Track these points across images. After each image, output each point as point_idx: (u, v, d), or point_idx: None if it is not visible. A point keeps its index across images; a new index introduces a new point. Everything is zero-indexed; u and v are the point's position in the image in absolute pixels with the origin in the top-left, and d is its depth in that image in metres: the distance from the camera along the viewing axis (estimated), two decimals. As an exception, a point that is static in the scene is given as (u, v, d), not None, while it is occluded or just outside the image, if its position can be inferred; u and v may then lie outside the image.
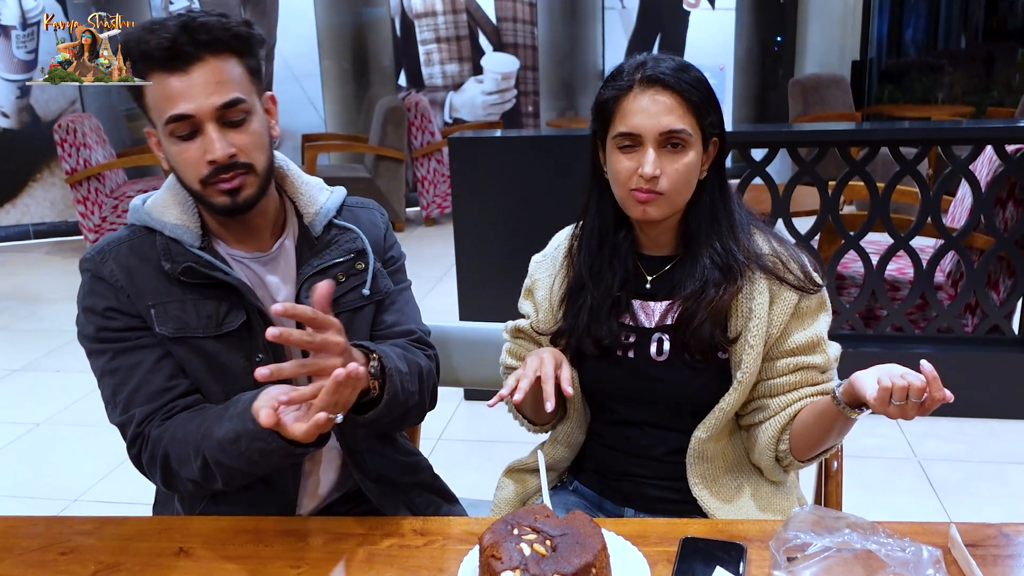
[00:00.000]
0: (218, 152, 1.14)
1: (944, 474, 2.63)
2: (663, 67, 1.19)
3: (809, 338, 1.24)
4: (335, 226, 1.32)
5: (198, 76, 1.13)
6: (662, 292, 1.29)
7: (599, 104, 1.23)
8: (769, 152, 2.97)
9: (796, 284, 1.23)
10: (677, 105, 1.18)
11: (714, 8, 7.14)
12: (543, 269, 1.38)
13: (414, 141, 6.19)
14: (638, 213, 1.22)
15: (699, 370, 1.25)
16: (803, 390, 1.25)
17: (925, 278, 2.93)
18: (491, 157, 3.11)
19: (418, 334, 1.38)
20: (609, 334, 1.27)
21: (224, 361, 1.24)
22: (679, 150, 1.19)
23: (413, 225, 6.34)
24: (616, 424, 1.34)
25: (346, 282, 1.30)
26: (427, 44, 6.63)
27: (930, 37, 7.90)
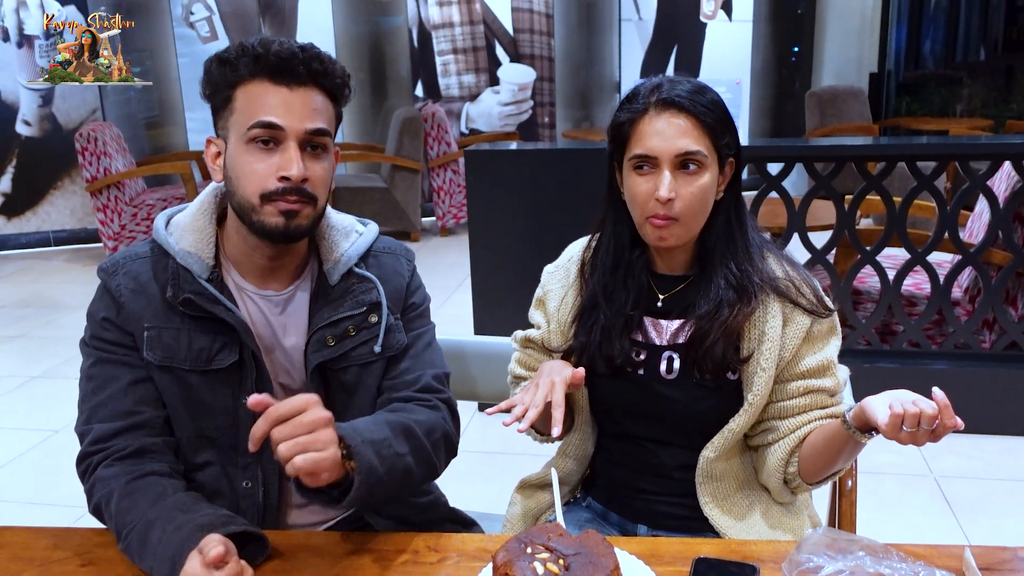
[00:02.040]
0: (295, 170, 1.14)
1: (961, 492, 2.61)
2: (679, 90, 1.20)
3: (820, 362, 1.25)
4: (353, 275, 1.28)
5: (300, 96, 1.16)
6: (674, 311, 1.29)
7: (615, 127, 1.24)
8: (785, 166, 2.97)
9: (809, 308, 1.24)
10: (692, 127, 1.18)
11: (731, 20, 7.14)
12: (555, 280, 1.39)
13: (430, 151, 6.21)
14: (655, 240, 1.23)
15: (709, 389, 1.26)
16: (813, 413, 1.25)
17: (942, 294, 2.91)
18: (507, 170, 3.13)
19: (425, 382, 1.31)
20: (620, 353, 1.28)
21: (206, 397, 1.23)
22: (695, 172, 1.19)
23: (428, 235, 6.36)
24: (625, 440, 1.34)
25: (357, 335, 1.27)
26: (444, 55, 6.66)
27: (948, 49, 7.86)
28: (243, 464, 1.26)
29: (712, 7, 7.08)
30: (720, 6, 7.10)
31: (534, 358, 1.40)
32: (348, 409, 1.30)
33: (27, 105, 6.09)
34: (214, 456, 1.26)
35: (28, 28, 5.95)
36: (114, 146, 5.62)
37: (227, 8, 6.32)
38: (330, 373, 1.28)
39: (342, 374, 1.29)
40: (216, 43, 6.38)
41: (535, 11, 6.71)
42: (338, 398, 1.29)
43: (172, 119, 6.58)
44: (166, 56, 6.33)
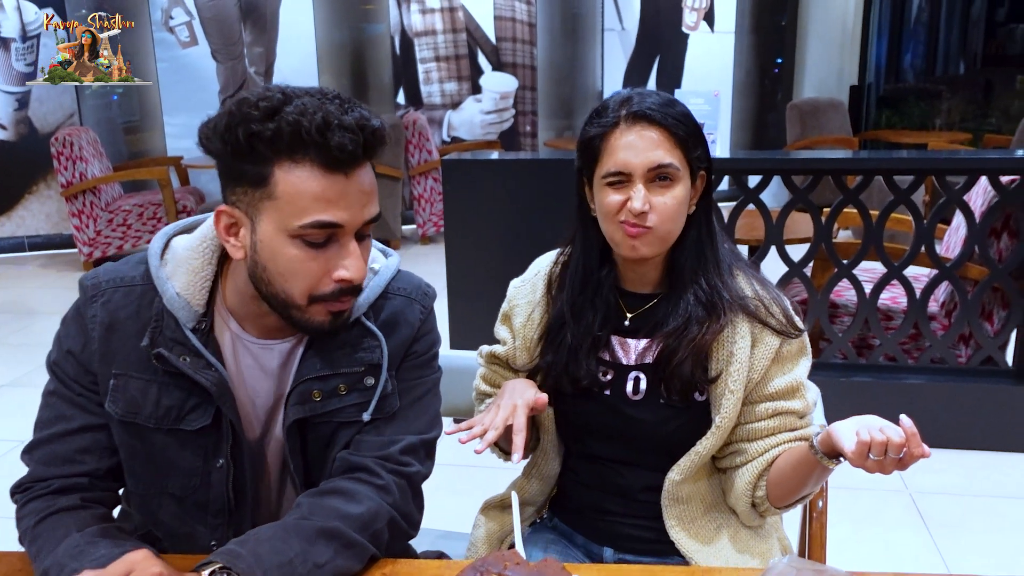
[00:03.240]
0: (356, 273, 1.00)
1: (936, 509, 2.60)
2: (649, 102, 1.18)
3: (789, 383, 1.22)
4: (360, 325, 1.13)
5: (356, 183, 0.99)
6: (642, 329, 1.27)
7: (585, 142, 1.22)
8: (763, 179, 2.96)
9: (779, 329, 1.22)
10: (664, 140, 1.17)
11: (713, 31, 7.16)
12: (522, 295, 1.36)
13: (411, 159, 6.18)
14: (628, 250, 1.20)
15: (676, 410, 1.23)
16: (781, 435, 1.23)
17: (919, 308, 2.91)
18: (485, 180, 3.10)
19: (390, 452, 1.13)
20: (587, 374, 1.25)
21: (172, 457, 1.11)
22: (668, 184, 1.18)
23: (409, 243, 6.33)
24: (591, 460, 1.32)
25: (347, 395, 1.12)
26: (426, 62, 6.64)
27: (928, 63, 7.92)
28: (212, 524, 1.16)
29: (694, 18, 7.10)
30: (702, 17, 7.12)
31: (499, 375, 1.37)
32: (322, 467, 1.18)
33: (2, 109, 6.01)
34: (177, 514, 1.16)
35: (5, 31, 5.88)
36: (90, 151, 5.55)
37: (207, 13, 6.28)
38: (308, 427, 1.15)
39: (320, 428, 1.15)
40: (195, 48, 6.33)
41: (518, 20, 6.71)
42: (313, 454, 1.17)
43: (151, 124, 6.52)
44: (145, 61, 6.27)
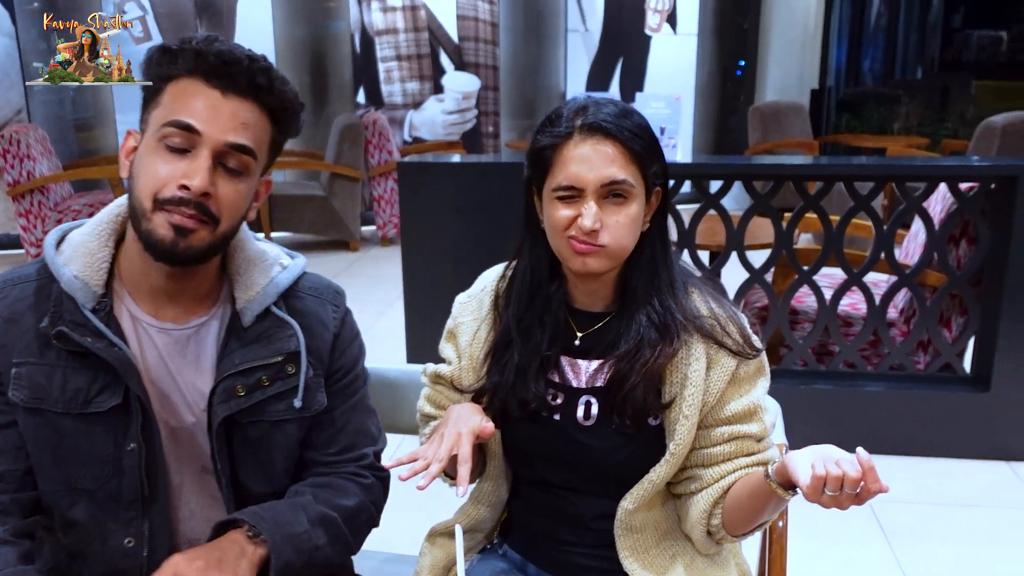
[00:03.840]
0: (198, 182, 1.01)
1: (895, 517, 2.59)
2: (604, 113, 1.11)
3: (746, 406, 1.17)
4: (272, 316, 1.15)
5: (230, 105, 1.04)
6: (593, 350, 1.21)
7: (535, 152, 1.15)
8: (724, 184, 2.93)
9: (735, 349, 1.16)
10: (619, 154, 1.10)
11: (676, 33, 7.16)
12: (467, 312, 1.29)
13: (371, 159, 6.09)
14: (577, 265, 1.13)
15: (629, 437, 1.17)
16: (738, 460, 1.17)
17: (878, 314, 2.90)
18: (443, 184, 3.03)
19: (361, 453, 1.22)
20: (535, 396, 1.19)
21: (82, 444, 1.09)
22: (621, 201, 1.11)
23: (369, 244, 6.23)
24: (540, 487, 1.26)
25: (271, 386, 1.14)
26: (387, 61, 6.55)
27: (887, 68, 8.00)
28: (126, 519, 1.12)
29: (657, 20, 7.09)
30: (665, 19, 7.11)
31: (445, 396, 1.30)
32: (251, 470, 1.17)
33: (-54, 104, 5.81)
34: (89, 511, 1.12)
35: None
36: (39, 149, 5.38)
37: (162, 9, 6.12)
38: (235, 427, 1.14)
39: (249, 428, 1.14)
40: (149, 44, 6.17)
41: (480, 19, 6.64)
42: (241, 456, 1.16)
43: (103, 121, 6.35)
44: (96, 56, 6.09)
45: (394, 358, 3.57)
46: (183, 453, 1.16)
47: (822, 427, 2.93)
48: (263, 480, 1.18)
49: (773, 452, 1.19)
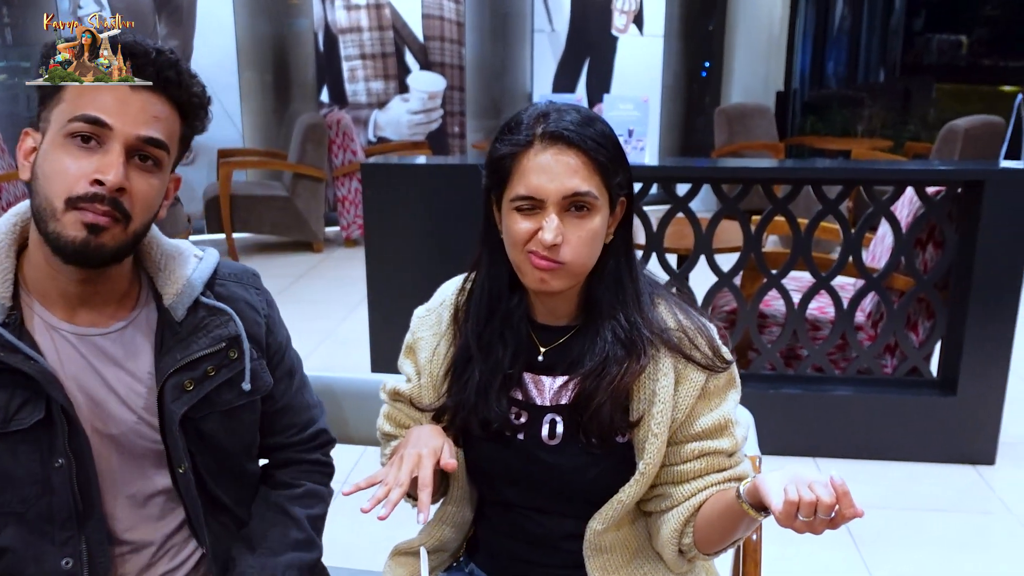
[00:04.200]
0: (112, 176, 0.98)
1: (864, 522, 2.57)
2: (567, 121, 1.06)
3: (716, 421, 1.12)
4: (203, 306, 1.13)
5: (141, 99, 1.01)
6: (557, 366, 1.16)
7: (494, 161, 1.09)
8: (693, 187, 2.90)
9: (704, 363, 1.11)
10: (582, 165, 1.05)
11: (643, 34, 7.15)
12: (426, 327, 1.24)
13: (335, 159, 6.00)
14: (535, 283, 1.08)
15: (596, 456, 1.13)
16: (709, 477, 1.13)
17: (846, 318, 2.89)
18: (408, 186, 2.96)
19: (317, 428, 1.28)
20: (498, 416, 1.14)
21: (6, 465, 1.03)
22: (584, 214, 1.06)
23: (333, 245, 6.14)
24: (506, 507, 1.20)
25: (218, 375, 1.12)
26: (351, 60, 6.45)
27: (850, 71, 8.08)
28: (61, 540, 1.06)
29: (624, 21, 7.08)
30: (632, 20, 7.10)
31: (405, 414, 1.25)
32: (210, 465, 1.15)
33: None
34: (20, 535, 1.05)
35: None
36: (-11, 147, 5.21)
37: (119, 4, 5.97)
38: (187, 423, 1.11)
39: (201, 424, 1.12)
40: (106, 40, 6.01)
41: (446, 18, 6.57)
42: (197, 453, 1.13)
43: (58, 119, 6.18)
44: (51, 52, 5.93)
45: (358, 362, 3.50)
46: (122, 461, 1.11)
47: (791, 431, 2.92)
48: (223, 474, 1.17)
49: (746, 466, 1.15)
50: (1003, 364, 2.79)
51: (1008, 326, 2.77)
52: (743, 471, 1.14)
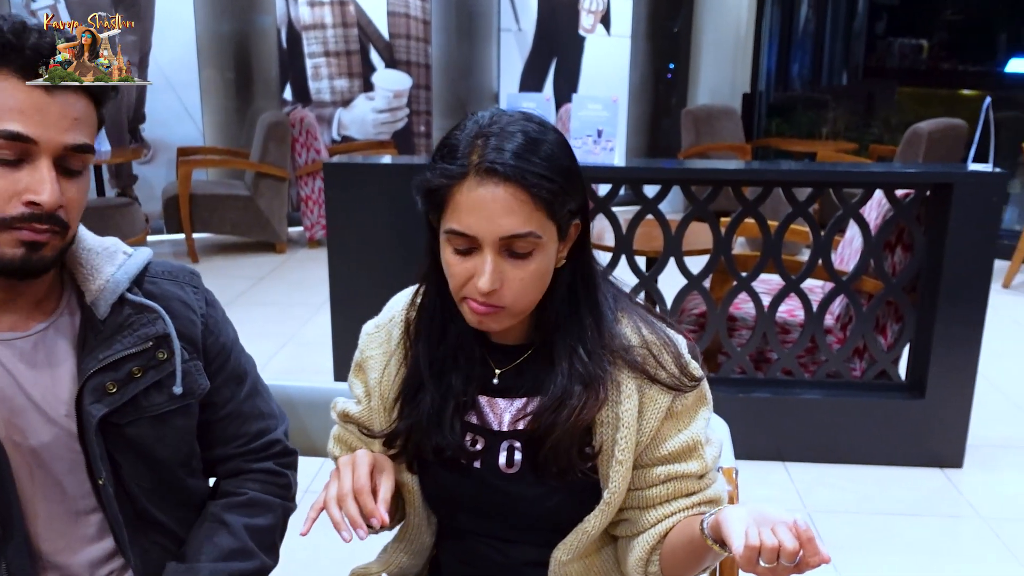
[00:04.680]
0: (47, 196, 0.92)
1: (833, 527, 2.55)
2: (507, 150, 0.93)
3: (684, 443, 1.05)
4: (129, 304, 1.05)
5: (59, 103, 0.93)
6: (513, 389, 1.08)
7: (428, 191, 0.98)
8: (662, 189, 2.86)
9: (670, 384, 1.04)
10: (522, 204, 0.94)
11: (610, 34, 7.12)
12: (376, 344, 1.15)
13: (298, 158, 5.89)
14: (475, 323, 1.01)
15: (558, 485, 1.06)
16: (677, 502, 1.06)
17: (815, 321, 2.87)
18: (371, 187, 2.88)
19: (272, 438, 1.19)
20: (452, 443, 1.06)
21: None
22: (525, 255, 0.97)
23: (296, 246, 6.03)
24: (466, 535, 1.14)
25: (144, 376, 1.04)
26: (315, 57, 6.34)
27: (815, 73, 8.12)
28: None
29: (591, 21, 7.05)
30: (599, 20, 7.07)
31: (356, 437, 1.16)
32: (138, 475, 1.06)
33: None
34: None
35: None
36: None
37: (74, -3, 5.81)
38: (111, 429, 1.03)
39: (128, 429, 1.04)
40: (61, 34, 5.84)
41: (412, 16, 6.49)
42: (124, 462, 1.05)
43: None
44: (3, 46, 5.75)
45: (321, 367, 3.42)
46: (44, 477, 1.03)
47: (760, 435, 2.89)
48: (159, 489, 1.09)
49: (718, 487, 1.09)
50: (971, 367, 2.79)
51: (975, 329, 2.77)
52: (715, 493, 1.08)
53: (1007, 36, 8.50)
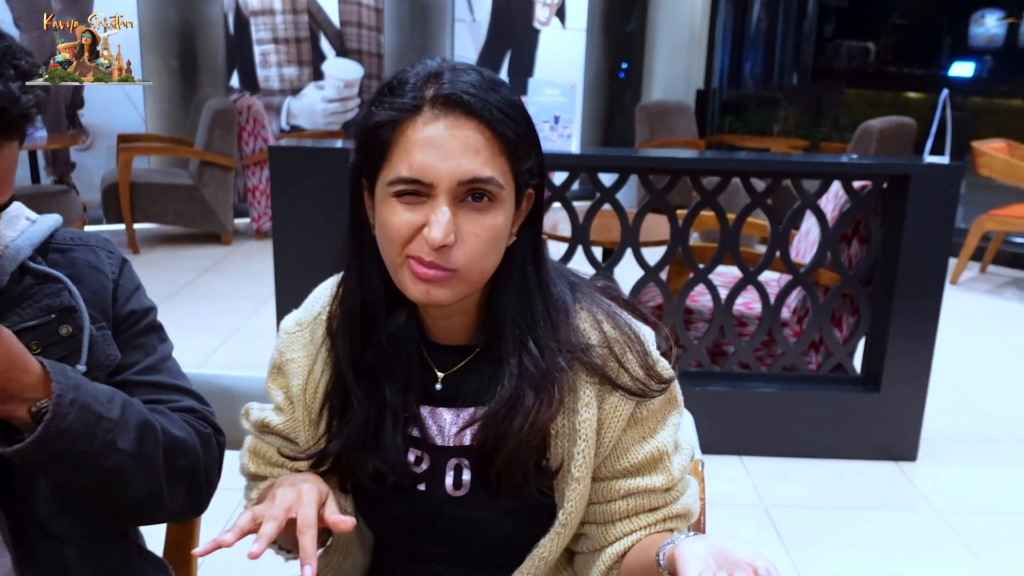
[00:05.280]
0: None
1: (791, 521, 2.52)
2: (466, 82, 0.82)
3: (649, 454, 0.93)
4: (30, 273, 0.95)
5: None
6: (458, 397, 0.94)
7: (369, 130, 0.84)
8: (620, 178, 2.80)
9: (633, 389, 0.91)
10: (486, 142, 0.82)
11: (565, 27, 7.07)
12: (298, 345, 0.99)
13: (245, 147, 5.72)
14: (419, 294, 0.85)
15: (511, 506, 0.94)
16: (639, 519, 0.95)
17: (773, 314, 2.84)
18: (319, 173, 2.76)
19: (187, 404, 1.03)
20: (395, 465, 0.93)
21: None
22: (485, 206, 0.83)
23: (243, 238, 5.86)
24: (407, 559, 1.02)
25: (45, 352, 0.92)
26: (263, 44, 6.17)
27: (766, 72, 8.20)
28: None
29: (547, 14, 6.99)
30: (554, 13, 7.02)
31: (277, 449, 1.01)
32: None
33: None
34: None
35: None
36: None
37: (9, -25, 5.56)
38: None
39: None
40: None
41: (364, 4, 6.36)
42: None
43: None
44: (-69, 25, 5.47)
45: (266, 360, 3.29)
46: None
47: (717, 430, 2.85)
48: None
49: (685, 502, 0.97)
50: (925, 360, 2.79)
51: (930, 322, 2.76)
52: (682, 508, 0.96)
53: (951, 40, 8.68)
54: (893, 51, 8.95)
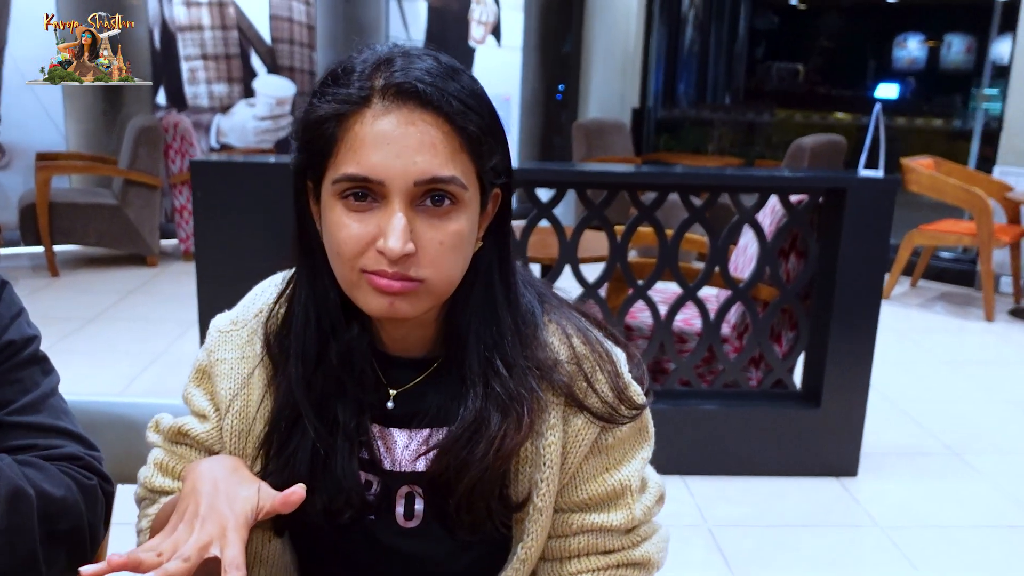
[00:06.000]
0: None
1: (735, 542, 2.47)
2: (420, 70, 0.73)
3: (611, 488, 0.85)
4: None
5: None
6: (412, 418, 0.85)
7: (312, 123, 0.75)
8: (557, 193, 2.75)
9: (601, 412, 0.83)
10: (445, 138, 0.73)
11: (500, 46, 7.05)
12: (232, 346, 0.88)
13: (172, 166, 5.53)
14: (381, 308, 0.75)
15: (470, 540, 0.85)
16: (590, 560, 0.86)
17: (712, 330, 2.81)
18: (245, 189, 2.65)
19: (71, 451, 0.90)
20: (347, 494, 0.82)
21: None
22: (446, 210, 0.74)
23: (170, 259, 5.65)
24: None
25: None
26: (191, 60, 5.99)
27: (700, 92, 8.32)
28: None
29: (482, 32, 6.96)
30: (490, 32, 6.99)
31: (189, 460, 0.88)
32: None
33: None
34: None
35: None
36: None
37: (-83, -14, 5.30)
38: None
39: None
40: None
41: (295, 21, 6.23)
42: None
43: None
44: None
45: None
46: None
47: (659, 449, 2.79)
48: None
49: (646, 550, 0.88)
50: (864, 374, 2.79)
51: (868, 336, 2.76)
52: (642, 555, 0.87)
53: (876, 63, 8.95)
54: (821, 73, 9.19)
